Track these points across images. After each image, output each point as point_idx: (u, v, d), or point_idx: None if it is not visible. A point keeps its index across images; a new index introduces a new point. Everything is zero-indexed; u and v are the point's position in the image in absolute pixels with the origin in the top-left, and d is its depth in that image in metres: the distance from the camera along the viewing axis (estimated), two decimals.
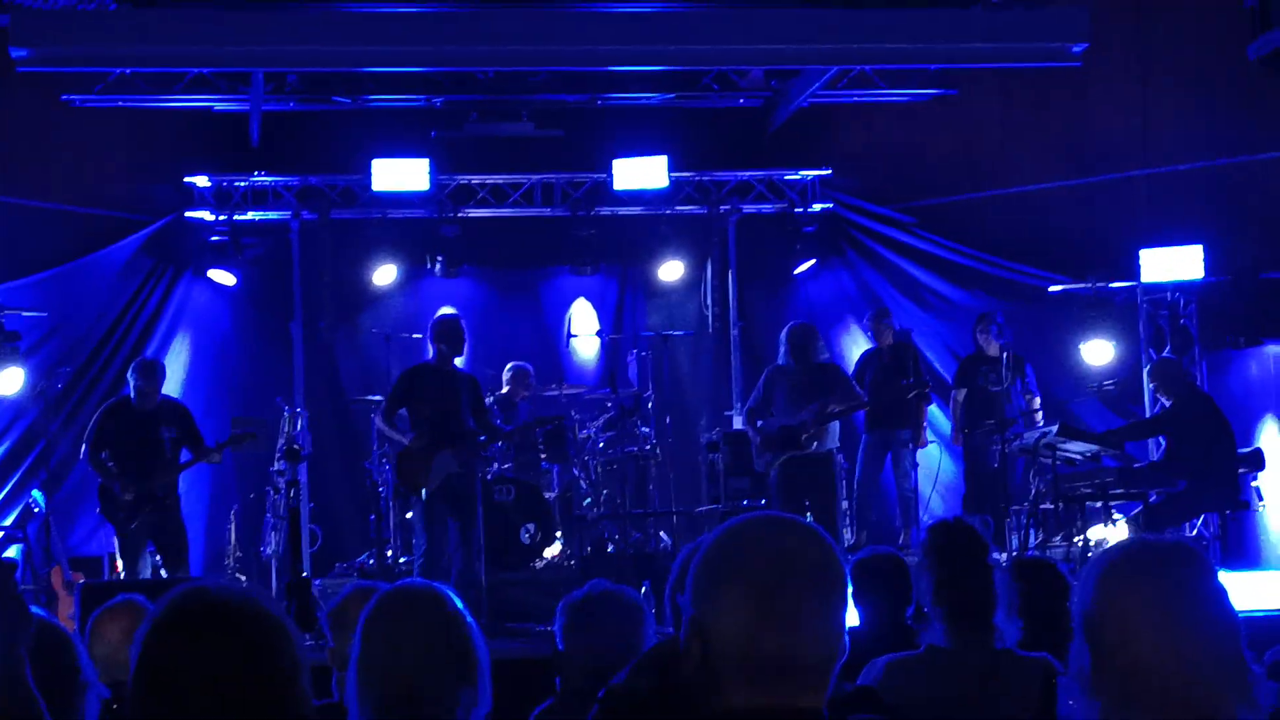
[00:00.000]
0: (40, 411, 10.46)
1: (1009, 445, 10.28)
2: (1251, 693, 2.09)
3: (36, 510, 10.43)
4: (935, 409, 11.91)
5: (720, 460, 11.13)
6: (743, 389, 12.57)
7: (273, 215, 12.67)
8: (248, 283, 12.54)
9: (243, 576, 10.84)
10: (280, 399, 11.06)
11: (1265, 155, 11.54)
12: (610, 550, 10.63)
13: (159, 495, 9.33)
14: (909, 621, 4.71)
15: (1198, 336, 11.61)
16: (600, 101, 12.56)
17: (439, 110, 12.47)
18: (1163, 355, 11.44)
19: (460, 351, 9.64)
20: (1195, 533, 10.62)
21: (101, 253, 11.96)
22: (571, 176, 12.88)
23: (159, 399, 9.51)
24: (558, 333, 13.11)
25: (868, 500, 11.32)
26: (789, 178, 13.09)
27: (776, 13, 10.31)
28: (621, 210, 12.83)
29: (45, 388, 10.56)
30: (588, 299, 13.19)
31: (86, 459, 9.39)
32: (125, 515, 9.27)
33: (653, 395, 11.77)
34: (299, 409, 11.29)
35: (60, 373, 11.11)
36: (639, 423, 11.30)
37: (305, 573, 9.97)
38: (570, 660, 3.84)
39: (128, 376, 9.55)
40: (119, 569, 9.44)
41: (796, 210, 12.96)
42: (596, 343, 13.13)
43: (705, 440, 11.98)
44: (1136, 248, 11.50)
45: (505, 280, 13.21)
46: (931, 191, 12.94)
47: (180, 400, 10.07)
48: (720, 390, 13.16)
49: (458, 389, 9.47)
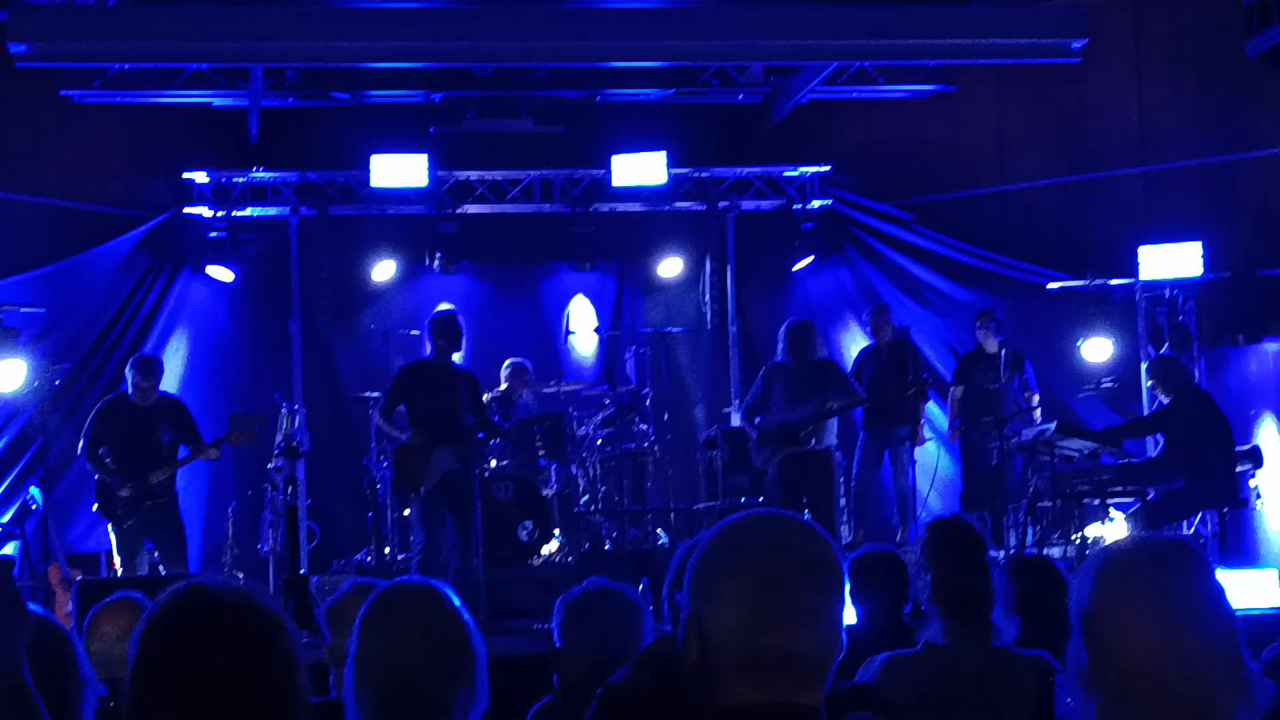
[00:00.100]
0: (38, 408, 10.44)
1: (1007, 442, 10.28)
2: (1249, 690, 2.09)
3: (34, 507, 10.43)
4: (934, 406, 11.91)
5: (718, 457, 11.12)
6: (741, 386, 12.57)
7: (271, 211, 12.65)
8: (246, 279, 12.53)
9: (240, 573, 10.82)
10: (278, 395, 11.04)
11: (1265, 151, 11.54)
12: (608, 547, 10.62)
13: (156, 492, 9.31)
14: (907, 619, 4.72)
15: (1196, 333, 11.60)
16: (599, 97, 12.56)
17: (438, 106, 12.47)
18: (1161, 352, 11.44)
19: (458, 348, 9.63)
20: (1193, 530, 10.61)
21: (99, 249, 11.93)
22: (570, 172, 12.86)
23: (157, 395, 9.49)
24: (556, 329, 13.10)
25: (865, 497, 11.30)
26: (788, 174, 13.08)
27: (775, 9, 10.32)
28: (620, 206, 12.82)
29: (43, 384, 10.54)
30: (586, 295, 13.19)
31: (84, 455, 9.37)
32: (122, 512, 9.26)
33: (651, 392, 11.78)
34: (297, 406, 11.27)
35: (58, 369, 11.08)
36: (637, 419, 11.30)
37: (303, 570, 9.99)
38: (568, 657, 3.84)
39: (125, 372, 9.53)
40: (116, 566, 9.43)
41: (795, 207, 12.96)
42: (595, 339, 13.13)
43: (703, 437, 11.98)
44: (1135, 244, 11.50)
45: (504, 276, 13.21)
46: (930, 188, 12.94)
47: (178, 396, 10.05)
48: (718, 387, 13.15)
49: (456, 386, 9.46)
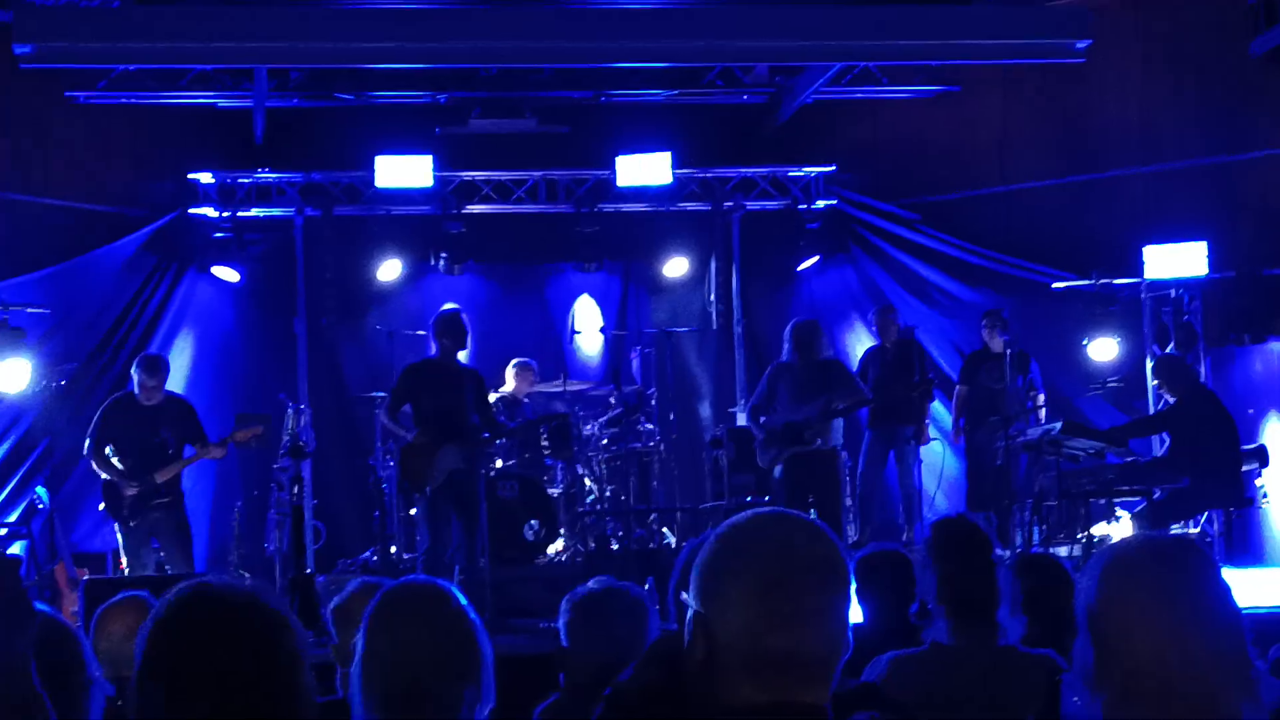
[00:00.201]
0: (44, 408, 10.45)
1: (1013, 442, 10.27)
2: (1254, 689, 2.09)
3: (41, 506, 10.44)
4: (939, 406, 11.90)
5: (724, 457, 11.12)
6: (746, 385, 12.57)
7: (276, 212, 12.66)
8: (251, 279, 12.54)
9: (246, 573, 10.82)
10: (284, 395, 11.04)
11: (1268, 151, 11.54)
12: (614, 547, 10.61)
13: (162, 491, 9.31)
14: (913, 618, 4.71)
15: (1202, 333, 11.60)
16: (604, 98, 12.56)
17: (442, 107, 12.48)
18: (1167, 352, 11.43)
19: (463, 347, 9.64)
20: (1199, 530, 10.60)
21: (105, 249, 11.95)
22: (575, 173, 12.86)
23: (163, 395, 9.49)
24: (562, 329, 13.10)
25: (870, 497, 11.30)
26: (793, 174, 13.08)
27: (780, 9, 10.31)
28: (625, 207, 12.82)
29: (49, 384, 10.56)
30: (591, 295, 13.19)
31: (90, 455, 9.37)
32: (129, 511, 9.26)
33: (656, 392, 11.77)
34: (302, 405, 11.28)
35: (64, 369, 11.10)
36: (643, 419, 11.30)
37: (309, 569, 9.99)
38: (574, 657, 3.84)
39: (131, 372, 9.53)
40: (123, 565, 9.43)
41: (800, 207, 12.96)
42: (600, 339, 13.13)
43: (709, 437, 11.98)
44: (1140, 244, 11.49)
45: (509, 277, 13.21)
46: (935, 188, 12.93)
47: (184, 396, 10.06)
48: (724, 387, 13.15)
49: (461, 385, 9.46)
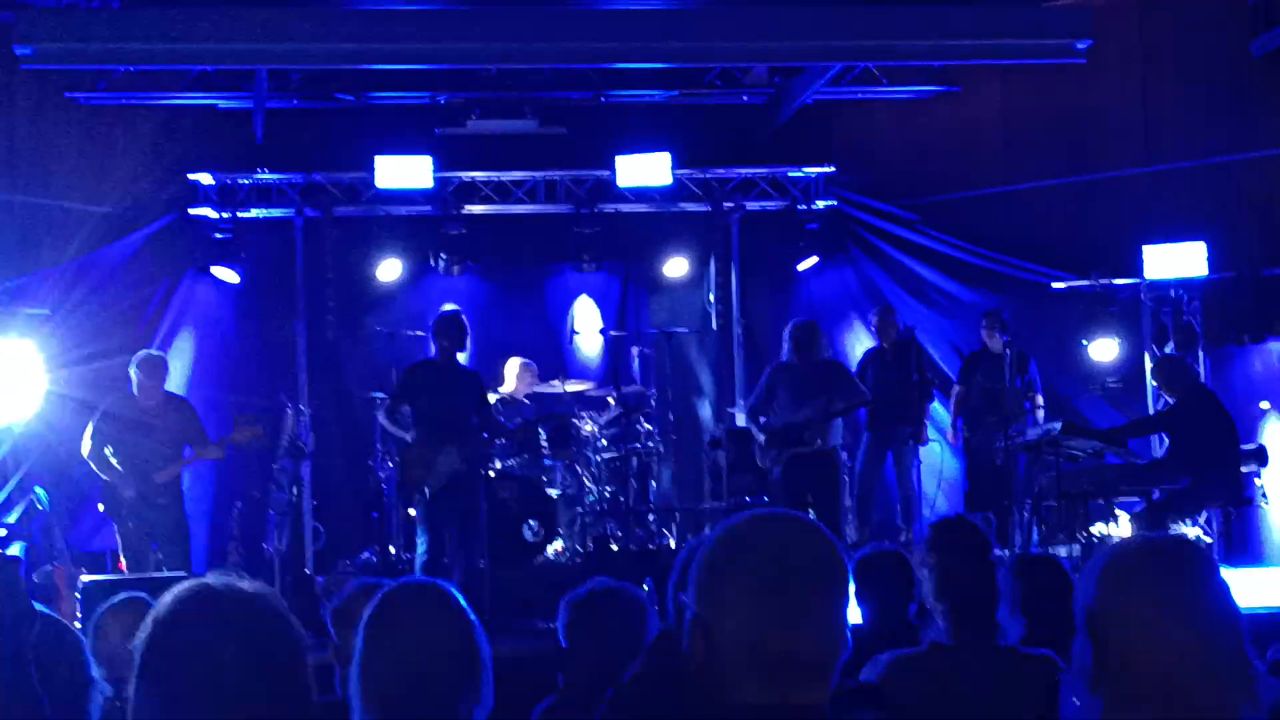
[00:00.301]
0: (43, 408, 10.43)
1: (1012, 442, 10.27)
2: (1253, 689, 2.10)
3: (40, 507, 10.42)
4: (939, 406, 11.90)
5: (723, 457, 11.12)
6: (746, 386, 12.57)
7: (276, 213, 12.66)
8: (251, 280, 12.53)
9: (245, 574, 10.77)
10: (283, 396, 11.05)
11: (1269, 151, 11.53)
12: (613, 547, 10.62)
13: (161, 492, 9.31)
14: (912, 619, 4.72)
15: (1201, 333, 11.60)
16: (603, 98, 12.56)
17: (442, 107, 12.48)
18: (1166, 352, 11.43)
19: (463, 348, 9.64)
20: (1198, 530, 10.60)
21: (105, 250, 11.92)
22: (575, 173, 12.85)
23: (162, 395, 9.50)
24: (561, 329, 13.09)
25: (868, 497, 11.30)
26: (792, 175, 13.07)
27: (780, 10, 10.31)
28: (625, 207, 12.82)
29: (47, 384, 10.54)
30: (591, 296, 13.19)
31: (89, 455, 9.37)
32: (128, 512, 9.26)
33: (655, 392, 11.78)
34: (302, 406, 11.29)
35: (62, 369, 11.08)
36: (642, 419, 11.29)
37: (308, 570, 10.01)
38: (573, 657, 3.85)
39: (131, 372, 9.52)
40: (122, 566, 9.43)
41: (800, 207, 12.95)
42: (600, 340, 13.12)
43: (708, 437, 11.97)
44: (1140, 244, 11.49)
45: (509, 277, 13.20)
46: (935, 188, 12.93)
47: (183, 396, 10.06)
48: (723, 387, 13.14)
49: (460, 386, 9.46)
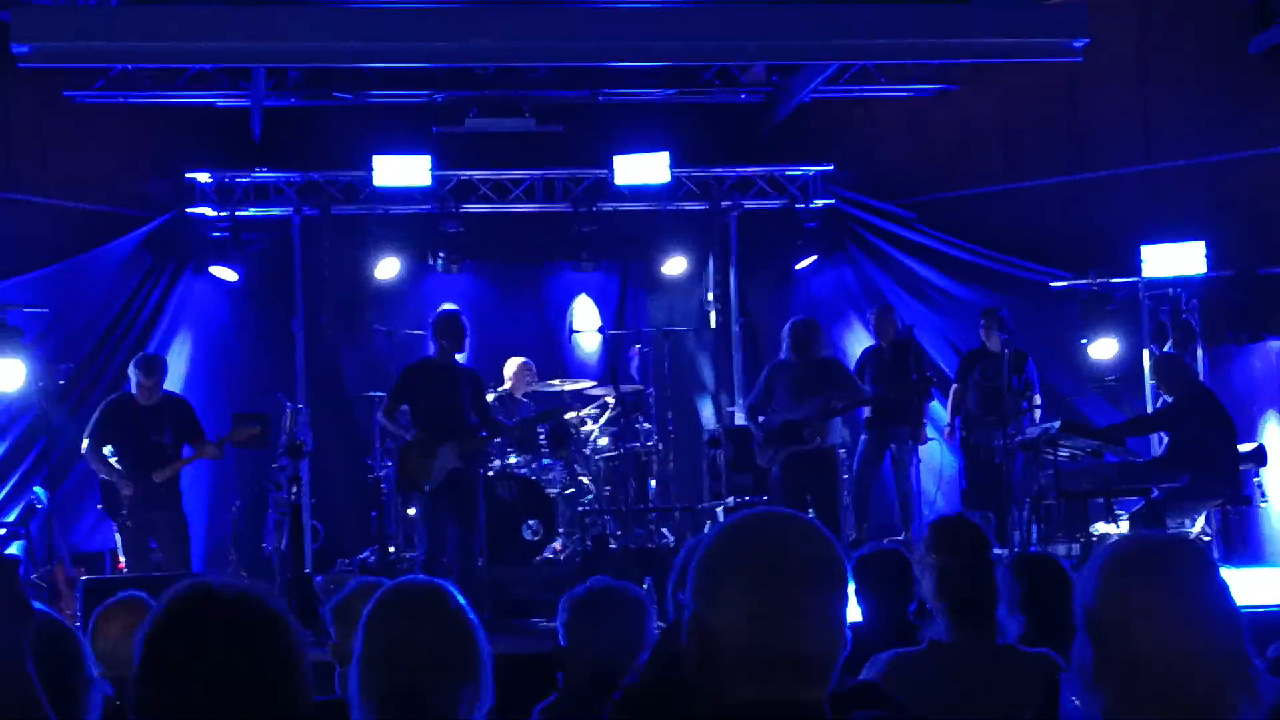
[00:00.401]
0: (42, 408, 10.45)
1: (1010, 441, 10.27)
2: (1253, 687, 2.10)
3: (39, 506, 10.43)
4: (937, 405, 11.89)
5: (722, 456, 11.13)
6: (744, 384, 12.58)
7: (274, 211, 12.67)
8: (249, 279, 12.54)
9: (244, 573, 10.83)
10: (282, 395, 11.05)
11: (1267, 150, 11.52)
12: (612, 546, 10.62)
13: (160, 491, 9.31)
14: (912, 617, 4.72)
15: (1200, 332, 11.60)
16: (601, 97, 12.56)
17: (440, 106, 12.47)
18: (1165, 351, 11.43)
19: (461, 347, 9.64)
20: (1197, 529, 10.60)
21: (103, 249, 11.93)
22: (573, 172, 12.86)
23: (160, 394, 9.50)
24: (560, 328, 13.10)
25: (866, 496, 11.30)
26: (790, 173, 13.08)
27: (778, 8, 10.30)
28: (623, 206, 12.82)
29: (46, 384, 10.55)
30: (589, 295, 13.19)
31: (88, 455, 9.37)
32: (127, 511, 9.26)
33: (654, 391, 11.78)
34: (301, 405, 11.28)
35: (61, 369, 11.09)
36: (641, 418, 11.30)
37: (307, 569, 10.00)
38: (573, 656, 3.85)
39: (129, 372, 9.53)
40: (121, 565, 9.43)
41: (798, 206, 12.96)
42: (598, 338, 13.13)
43: (707, 436, 11.97)
44: (1138, 243, 11.48)
45: (507, 276, 13.21)
46: (933, 187, 12.93)
47: (182, 396, 10.06)
48: (722, 386, 13.16)
49: (459, 384, 9.46)
